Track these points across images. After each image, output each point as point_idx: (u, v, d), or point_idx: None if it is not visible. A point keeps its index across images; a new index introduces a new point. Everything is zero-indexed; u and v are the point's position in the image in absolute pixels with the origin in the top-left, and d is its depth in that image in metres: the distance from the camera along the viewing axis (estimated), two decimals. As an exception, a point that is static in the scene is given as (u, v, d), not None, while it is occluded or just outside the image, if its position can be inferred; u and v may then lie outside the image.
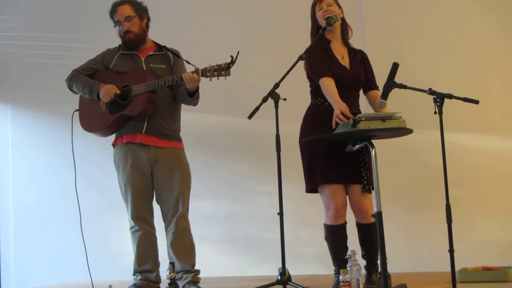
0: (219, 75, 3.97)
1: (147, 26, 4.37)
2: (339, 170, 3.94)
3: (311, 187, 4.04)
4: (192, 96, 4.16)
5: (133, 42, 4.31)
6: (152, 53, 4.34)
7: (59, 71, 6.31)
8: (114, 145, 4.37)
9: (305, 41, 4.06)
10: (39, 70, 6.44)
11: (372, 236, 3.91)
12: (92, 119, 4.37)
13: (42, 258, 6.18)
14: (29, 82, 6.44)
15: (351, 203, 4.01)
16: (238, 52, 3.82)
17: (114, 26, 4.32)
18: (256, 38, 5.95)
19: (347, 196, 4.02)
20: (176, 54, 4.34)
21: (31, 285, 5.59)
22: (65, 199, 6.20)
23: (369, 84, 4.15)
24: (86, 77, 4.38)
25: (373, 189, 3.87)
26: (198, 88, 4.14)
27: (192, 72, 4.03)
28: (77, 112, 4.45)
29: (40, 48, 6.52)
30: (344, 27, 4.13)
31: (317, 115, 4.04)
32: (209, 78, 4.03)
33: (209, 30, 6.04)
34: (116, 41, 4.44)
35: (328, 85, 3.92)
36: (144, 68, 4.28)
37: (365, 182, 3.95)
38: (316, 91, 4.07)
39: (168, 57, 4.34)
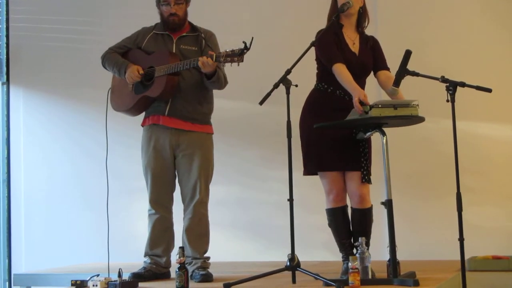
0: (232, 61, 3.95)
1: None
2: (338, 157, 3.96)
3: (309, 171, 4.07)
4: (210, 79, 4.15)
5: (176, 25, 4.29)
6: (185, 34, 4.33)
7: (71, 54, 6.37)
8: (142, 125, 4.39)
9: (317, 27, 4.04)
10: (51, 54, 6.44)
11: (366, 221, 3.98)
12: (120, 98, 4.39)
13: (52, 241, 6.21)
14: (41, 65, 6.45)
15: (349, 189, 4.01)
16: (252, 38, 3.80)
17: (159, 3, 4.28)
18: (269, 24, 5.92)
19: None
20: (206, 38, 4.30)
21: (41, 267, 5.63)
22: (76, 182, 6.27)
23: (379, 64, 4.12)
24: (118, 56, 4.38)
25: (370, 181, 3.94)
26: (215, 72, 4.13)
27: (206, 57, 4.03)
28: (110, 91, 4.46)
29: (53, 31, 6.51)
30: (362, 16, 4.09)
31: (318, 101, 4.04)
32: (222, 64, 4.03)
33: (222, 15, 6.02)
34: (131, 25, 4.44)
35: (343, 71, 3.91)
36: (174, 49, 4.27)
37: (364, 172, 3.95)
38: (322, 75, 4.07)
39: (200, 39, 4.32)
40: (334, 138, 3.95)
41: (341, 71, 3.91)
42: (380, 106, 3.65)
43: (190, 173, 4.25)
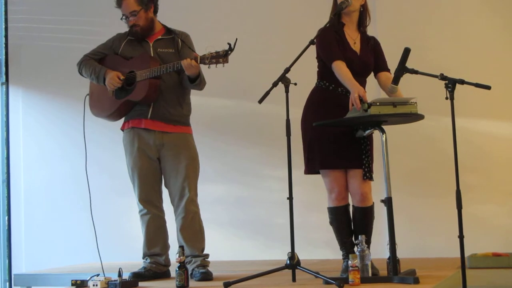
0: (217, 63, 3.96)
1: (156, 11, 4.34)
2: (340, 155, 3.95)
3: (310, 170, 4.06)
4: (193, 82, 4.16)
5: (140, 34, 4.29)
6: (160, 37, 4.33)
7: (71, 54, 6.29)
8: (122, 129, 4.39)
9: (317, 25, 4.04)
10: (51, 53, 6.44)
11: (368, 220, 3.98)
12: (100, 104, 4.39)
13: (52, 241, 6.21)
14: (41, 65, 6.45)
15: (350, 187, 4.00)
16: (236, 39, 3.82)
17: (121, 19, 4.31)
18: (268, 22, 5.91)
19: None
20: (182, 39, 4.32)
21: (41, 267, 5.63)
22: (76, 182, 6.25)
23: (380, 65, 4.12)
24: (95, 62, 4.38)
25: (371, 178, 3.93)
26: (199, 74, 4.13)
27: (190, 59, 4.03)
28: (88, 97, 4.47)
29: (53, 31, 6.51)
30: (363, 14, 4.08)
31: (320, 99, 4.03)
32: (207, 66, 4.02)
33: (218, 14, 6.02)
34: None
35: (342, 69, 3.90)
36: (152, 53, 4.27)
37: (366, 169, 3.95)
38: (322, 73, 4.06)
39: (176, 41, 4.32)
40: (336, 136, 3.95)
41: (340, 68, 3.90)
42: (378, 104, 3.65)
43: (178, 173, 4.25)
